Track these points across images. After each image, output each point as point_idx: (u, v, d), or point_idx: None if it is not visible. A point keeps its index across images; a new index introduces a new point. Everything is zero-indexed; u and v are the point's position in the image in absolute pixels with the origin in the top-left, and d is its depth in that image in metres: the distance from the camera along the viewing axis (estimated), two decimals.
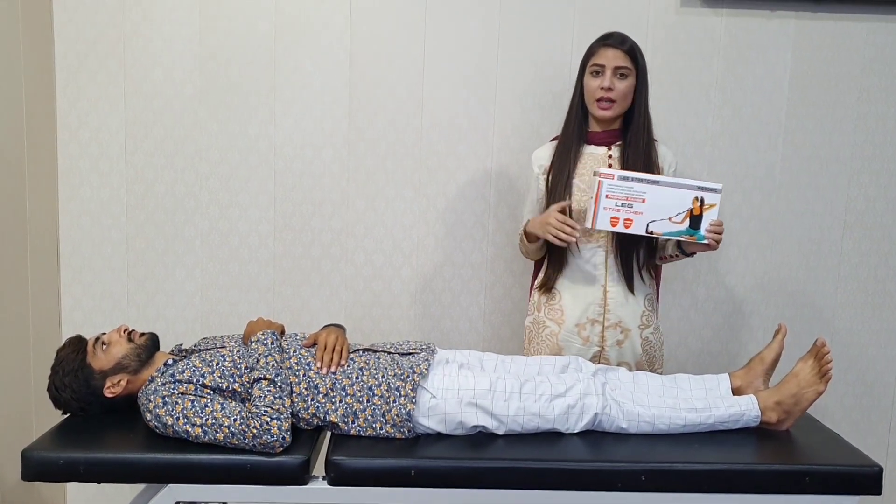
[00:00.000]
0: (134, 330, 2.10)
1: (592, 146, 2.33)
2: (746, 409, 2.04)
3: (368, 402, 1.98)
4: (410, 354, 2.11)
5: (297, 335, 2.17)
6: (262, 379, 1.94)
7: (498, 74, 2.75)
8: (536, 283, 2.43)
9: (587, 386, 2.02)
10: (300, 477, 1.88)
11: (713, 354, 2.91)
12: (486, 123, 2.77)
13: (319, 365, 2.03)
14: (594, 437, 2.01)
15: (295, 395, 1.98)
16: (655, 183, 2.15)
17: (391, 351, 2.14)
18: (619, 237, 2.27)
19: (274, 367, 1.97)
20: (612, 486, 1.87)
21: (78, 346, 2.06)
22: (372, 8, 2.71)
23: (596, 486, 1.87)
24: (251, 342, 2.05)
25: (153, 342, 2.10)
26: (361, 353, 2.11)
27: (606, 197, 2.14)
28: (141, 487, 1.97)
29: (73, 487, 2.87)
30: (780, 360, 2.16)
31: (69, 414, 2.07)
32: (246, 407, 1.92)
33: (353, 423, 1.98)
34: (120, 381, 2.02)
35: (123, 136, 2.75)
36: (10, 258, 2.49)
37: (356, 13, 2.71)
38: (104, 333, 2.09)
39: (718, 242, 2.20)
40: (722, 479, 1.87)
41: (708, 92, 2.77)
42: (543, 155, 2.37)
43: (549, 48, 2.73)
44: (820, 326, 2.89)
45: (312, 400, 1.99)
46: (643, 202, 2.14)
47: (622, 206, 2.15)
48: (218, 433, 1.87)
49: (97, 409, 2.05)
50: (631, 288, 2.31)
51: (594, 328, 2.32)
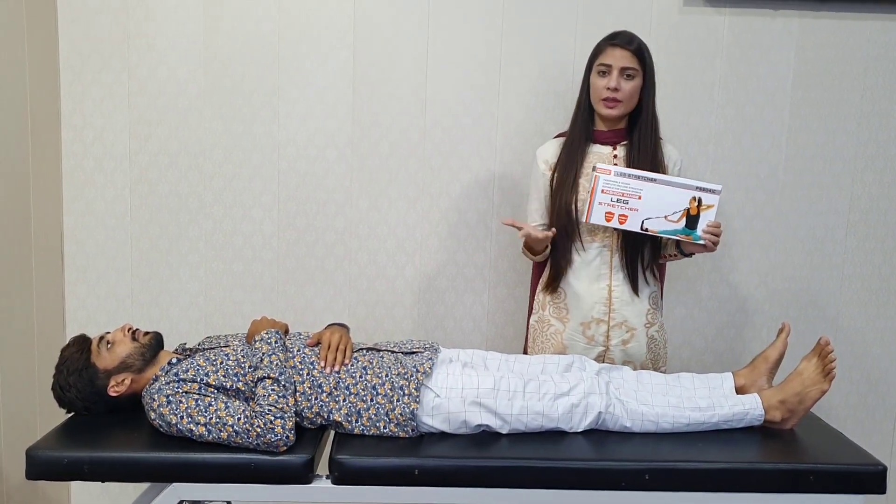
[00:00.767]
0: (138, 329, 2.10)
1: (598, 145, 2.32)
2: (750, 407, 2.04)
3: (372, 401, 1.98)
4: (414, 353, 2.11)
5: (300, 334, 2.17)
6: (265, 378, 1.94)
7: (501, 74, 2.75)
8: (541, 282, 2.43)
9: (591, 385, 2.02)
10: (304, 476, 1.88)
11: (717, 353, 2.90)
12: (489, 123, 2.77)
13: (323, 364, 2.03)
14: (598, 436, 2.01)
15: (298, 394, 1.98)
16: (652, 181, 2.16)
17: (395, 350, 2.14)
18: (624, 237, 2.27)
19: (278, 366, 1.97)
20: (615, 485, 1.86)
21: (82, 345, 2.06)
22: (375, 7, 2.71)
23: (600, 485, 1.87)
24: (255, 341, 2.05)
25: (157, 341, 2.10)
26: (365, 352, 2.11)
27: (602, 192, 2.16)
28: (145, 486, 1.97)
29: (77, 486, 2.88)
30: (783, 358, 2.16)
31: (73, 413, 2.08)
32: (250, 406, 1.92)
33: (356, 422, 1.98)
34: (124, 380, 2.02)
35: (127, 135, 2.75)
36: (14, 258, 2.49)
37: (360, 13, 2.71)
38: (108, 332, 2.10)
39: (716, 244, 2.20)
40: (726, 478, 1.87)
41: (711, 91, 2.76)
42: (548, 152, 2.37)
43: (552, 48, 2.73)
44: (824, 325, 2.88)
45: (316, 399, 1.99)
46: (639, 199, 2.16)
47: (618, 201, 2.16)
48: (222, 432, 1.87)
49: (101, 408, 2.05)
50: (636, 287, 2.31)
51: (599, 327, 2.32)
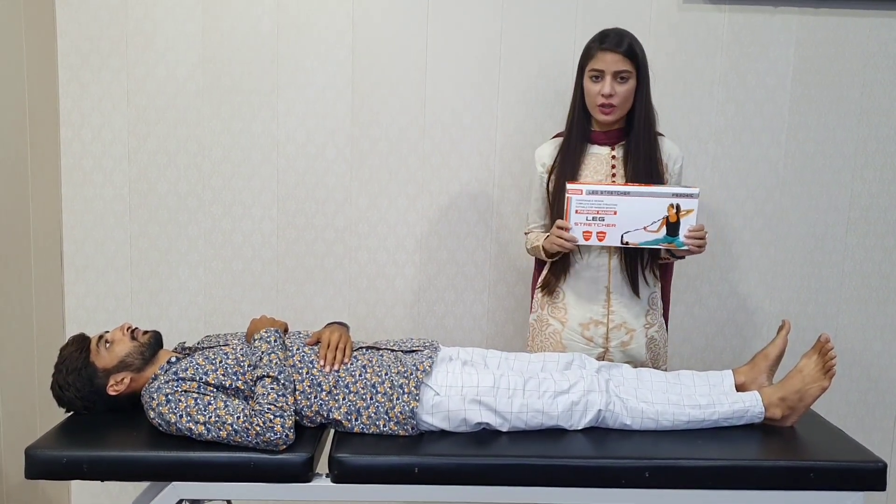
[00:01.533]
0: (137, 328, 2.10)
1: (596, 146, 2.30)
2: (750, 405, 2.04)
3: (372, 399, 1.98)
4: (414, 352, 2.11)
5: (300, 333, 2.17)
6: (265, 377, 1.94)
7: (501, 72, 2.75)
8: (539, 282, 2.42)
9: (591, 382, 2.01)
10: (304, 474, 1.87)
11: (717, 351, 2.90)
12: (488, 121, 2.77)
13: (323, 363, 2.03)
14: (598, 433, 2.00)
15: (298, 392, 1.98)
16: (626, 194, 2.15)
17: (394, 348, 2.14)
18: None
19: (277, 364, 1.97)
20: (616, 482, 1.86)
21: (81, 344, 2.06)
22: (375, 5, 2.71)
23: (600, 482, 1.87)
24: (254, 340, 2.05)
25: (156, 340, 2.10)
26: (365, 350, 2.11)
27: (576, 212, 2.16)
28: (144, 485, 1.97)
29: (77, 485, 2.88)
30: (784, 356, 2.15)
31: (72, 412, 2.07)
32: (249, 405, 1.92)
33: (356, 420, 1.98)
34: (123, 379, 2.02)
35: (126, 134, 2.75)
36: (13, 257, 2.49)
37: (359, 11, 2.71)
38: (107, 332, 2.09)
39: (701, 247, 2.18)
40: (726, 475, 1.86)
41: (711, 88, 2.76)
42: (546, 153, 2.35)
43: (551, 46, 2.73)
44: (824, 322, 2.88)
45: (316, 397, 1.99)
46: (615, 214, 2.15)
47: (593, 219, 2.16)
48: (221, 431, 1.87)
49: (101, 407, 2.05)
50: (636, 288, 2.29)
51: (598, 329, 2.31)
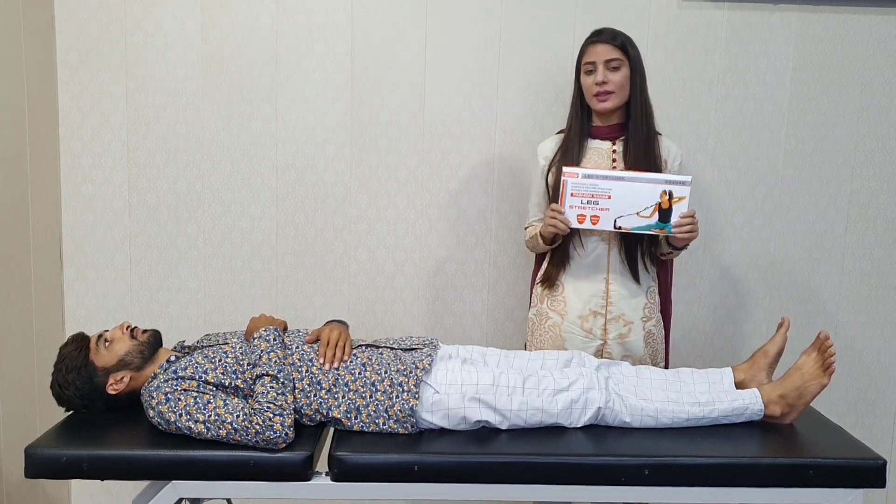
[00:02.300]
0: (136, 327, 2.10)
1: (597, 140, 2.33)
2: (750, 402, 2.04)
3: (371, 397, 1.98)
4: (413, 350, 2.11)
5: (299, 331, 2.17)
6: (264, 375, 1.94)
7: (500, 69, 2.75)
8: (539, 275, 2.43)
9: (590, 380, 2.01)
10: (303, 473, 1.87)
11: (716, 348, 2.90)
12: (488, 118, 2.76)
13: (322, 361, 2.03)
14: (597, 431, 2.00)
15: (298, 391, 1.98)
16: (620, 179, 2.20)
17: (394, 346, 2.14)
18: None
19: (276, 363, 1.97)
20: (615, 480, 1.86)
21: (81, 343, 2.05)
22: (374, 3, 2.71)
23: (599, 480, 1.87)
24: (253, 338, 2.05)
25: (156, 339, 2.10)
26: (364, 348, 2.11)
27: (571, 195, 2.21)
28: (144, 484, 1.97)
29: (76, 484, 2.88)
30: (783, 353, 2.16)
31: (72, 411, 2.07)
32: (249, 403, 1.92)
33: (356, 418, 1.98)
34: (123, 377, 2.02)
35: (126, 132, 2.75)
36: (13, 256, 2.49)
37: (358, 8, 2.71)
38: (107, 330, 2.09)
39: (691, 233, 2.21)
40: (725, 472, 1.86)
41: (710, 86, 2.76)
42: (548, 147, 2.38)
43: (551, 42, 2.73)
44: (823, 319, 2.89)
45: (315, 396, 1.99)
46: (609, 199, 2.20)
47: (588, 203, 2.20)
48: (221, 429, 1.87)
49: (100, 406, 2.05)
50: (637, 278, 2.32)
51: (597, 321, 2.33)
